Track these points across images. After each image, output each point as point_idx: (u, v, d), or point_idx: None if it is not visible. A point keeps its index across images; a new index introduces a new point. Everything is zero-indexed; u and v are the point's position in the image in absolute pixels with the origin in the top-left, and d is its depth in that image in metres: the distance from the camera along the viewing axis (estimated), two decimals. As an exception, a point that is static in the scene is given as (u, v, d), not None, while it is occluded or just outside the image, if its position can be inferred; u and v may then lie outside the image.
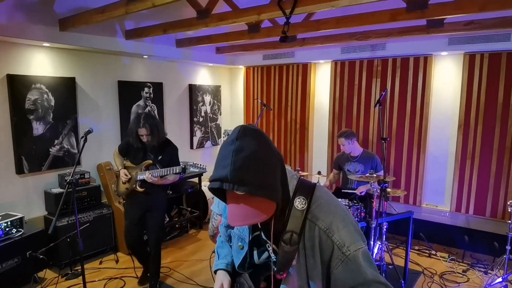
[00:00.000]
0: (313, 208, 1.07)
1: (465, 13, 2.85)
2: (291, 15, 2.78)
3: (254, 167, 0.94)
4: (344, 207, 1.14)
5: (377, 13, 3.18)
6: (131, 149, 3.24)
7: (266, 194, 0.95)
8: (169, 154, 3.20)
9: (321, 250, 1.05)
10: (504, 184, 3.97)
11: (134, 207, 3.26)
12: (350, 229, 1.04)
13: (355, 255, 1.00)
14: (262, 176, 0.95)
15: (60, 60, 3.97)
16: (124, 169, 3.23)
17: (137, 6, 2.83)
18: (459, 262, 4.02)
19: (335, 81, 5.01)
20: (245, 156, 0.94)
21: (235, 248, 1.28)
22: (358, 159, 4.04)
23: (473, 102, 4.07)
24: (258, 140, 0.99)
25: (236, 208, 0.98)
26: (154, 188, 3.17)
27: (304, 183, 1.13)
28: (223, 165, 0.95)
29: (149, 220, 3.26)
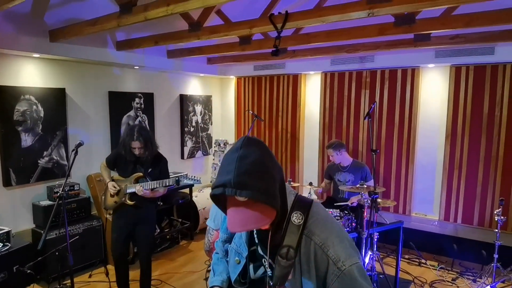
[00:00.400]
0: (310, 223, 1.09)
1: (451, 28, 2.95)
2: (282, 29, 2.84)
3: (257, 173, 0.97)
4: (340, 224, 1.16)
5: (366, 27, 3.26)
6: (120, 161, 3.18)
7: (267, 201, 0.98)
8: (159, 166, 3.16)
9: (316, 265, 1.07)
10: (490, 193, 4.06)
11: (123, 221, 3.19)
12: (345, 245, 1.06)
13: (351, 270, 1.02)
14: (264, 182, 0.98)
15: (50, 71, 3.93)
16: (113, 182, 3.17)
17: (129, 19, 2.84)
18: (448, 271, 4.08)
19: (325, 92, 5.09)
20: (249, 163, 0.97)
21: (232, 263, 1.29)
22: (348, 169, 4.09)
23: (459, 113, 4.18)
24: (261, 149, 1.02)
25: (236, 213, 1.00)
26: (144, 201, 3.12)
27: (301, 199, 1.15)
28: (227, 171, 0.98)
29: (140, 234, 3.20)
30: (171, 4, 2.51)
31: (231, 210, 1.02)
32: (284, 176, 1.12)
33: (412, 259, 4.37)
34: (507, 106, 3.90)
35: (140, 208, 3.14)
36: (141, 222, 3.18)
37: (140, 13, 2.73)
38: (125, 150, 3.04)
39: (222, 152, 5.66)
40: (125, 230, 3.19)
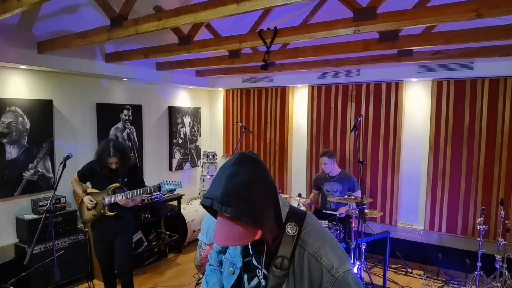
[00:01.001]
0: (303, 234, 1.12)
1: (432, 45, 3.09)
2: (271, 44, 2.91)
3: (243, 194, 1.00)
4: (332, 235, 1.20)
5: (351, 43, 3.37)
6: (95, 174, 3.19)
7: (249, 221, 1.00)
8: (135, 176, 3.23)
9: (310, 274, 1.09)
10: (472, 202, 4.18)
11: (105, 231, 3.21)
12: (338, 253, 1.10)
13: (344, 276, 1.05)
14: (249, 203, 1.01)
15: (37, 83, 3.90)
16: (88, 195, 3.19)
17: (120, 33, 2.86)
18: (434, 279, 4.15)
19: (313, 104, 5.18)
20: (236, 182, 1.01)
21: (226, 274, 1.30)
22: (336, 179, 4.16)
23: (442, 125, 4.32)
24: (252, 169, 1.05)
25: (221, 228, 1.04)
26: (123, 210, 3.15)
27: (295, 210, 1.19)
28: (217, 186, 1.02)
29: (120, 243, 3.21)
30: (162, 18, 2.55)
31: (218, 222, 1.06)
32: (277, 191, 1.15)
33: (399, 269, 4.43)
34: (486, 119, 4.06)
35: (120, 217, 3.17)
36: (121, 231, 3.21)
37: (131, 27, 2.76)
38: (101, 165, 3.07)
39: (210, 164, 5.66)
40: (109, 240, 3.23)
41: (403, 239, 4.61)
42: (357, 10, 2.50)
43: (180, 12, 2.43)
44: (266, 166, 1.13)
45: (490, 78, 4.01)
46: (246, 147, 5.81)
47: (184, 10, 2.41)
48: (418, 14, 2.35)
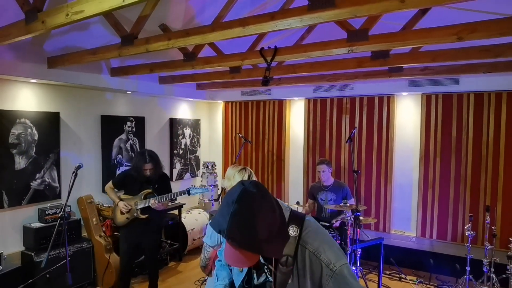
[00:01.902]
0: (304, 234, 1.29)
1: (420, 62, 3.34)
2: (271, 62, 3.13)
3: (245, 230, 1.15)
4: (328, 233, 1.38)
5: (346, 60, 3.61)
6: (129, 181, 3.57)
7: (250, 250, 1.16)
8: (164, 183, 3.59)
9: (311, 270, 1.26)
10: (461, 209, 4.39)
11: (134, 233, 3.54)
12: (334, 250, 1.27)
13: (341, 269, 1.23)
14: (250, 237, 1.15)
15: (45, 96, 4.06)
16: (122, 201, 3.52)
17: (131, 51, 3.06)
18: (426, 284, 4.33)
19: (309, 116, 5.41)
20: (238, 220, 1.16)
21: (235, 271, 1.47)
22: (330, 188, 4.35)
23: (431, 137, 4.57)
24: (254, 205, 1.18)
25: (229, 252, 1.20)
26: (153, 213, 3.51)
27: (295, 214, 1.35)
28: (223, 221, 1.17)
29: (148, 242, 3.58)
30: (172, 38, 2.76)
31: (226, 246, 1.22)
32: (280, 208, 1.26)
33: (392, 274, 4.60)
34: (472, 130, 4.32)
35: (150, 220, 3.52)
36: (150, 232, 3.59)
37: (141, 45, 2.95)
38: (138, 171, 3.45)
39: (210, 174, 5.82)
40: (135, 241, 3.57)
41: (397, 246, 4.79)
42: (351, 32, 2.74)
43: (189, 33, 2.64)
44: (268, 194, 1.25)
45: (475, 93, 4.28)
46: (245, 157, 5.99)
47: (193, 32, 2.62)
48: (406, 36, 2.59)
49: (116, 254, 4.25)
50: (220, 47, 3.87)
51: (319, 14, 2.05)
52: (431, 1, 1.84)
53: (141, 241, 3.57)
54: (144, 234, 3.55)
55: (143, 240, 3.57)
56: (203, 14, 3.85)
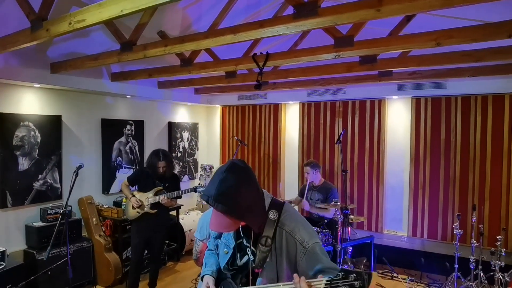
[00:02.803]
0: (282, 218, 1.46)
1: (406, 67, 3.50)
2: (264, 67, 3.29)
3: (231, 196, 1.35)
4: (304, 218, 1.53)
5: (335, 65, 3.77)
6: (142, 179, 3.90)
7: (234, 216, 1.35)
8: (173, 181, 3.91)
9: (288, 248, 1.42)
10: (450, 209, 4.52)
11: (144, 228, 3.81)
12: (308, 230, 1.43)
13: (313, 247, 1.37)
14: (235, 203, 1.35)
15: (48, 100, 4.22)
16: (134, 197, 3.80)
17: (130, 56, 3.22)
18: (417, 283, 4.44)
19: (303, 120, 5.56)
20: (226, 186, 1.35)
21: (221, 254, 1.62)
22: (318, 188, 4.47)
23: (421, 139, 4.71)
24: (240, 176, 1.39)
25: (214, 218, 1.39)
26: (162, 210, 3.82)
27: (275, 201, 1.53)
28: (212, 187, 1.37)
29: (156, 237, 3.87)
30: (168, 45, 2.92)
31: (213, 213, 1.41)
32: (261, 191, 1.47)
33: (385, 273, 4.71)
34: (460, 133, 4.46)
35: (158, 216, 3.80)
36: (158, 227, 3.87)
37: (139, 52, 3.12)
38: (153, 168, 3.75)
39: (207, 176, 5.97)
40: (145, 235, 3.83)
41: (389, 246, 4.91)
42: (338, 38, 2.90)
43: (184, 40, 2.80)
44: (252, 172, 1.46)
45: (462, 96, 4.43)
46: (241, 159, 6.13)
47: (188, 38, 2.79)
48: (389, 42, 2.75)
49: (116, 253, 4.39)
50: (217, 53, 4.04)
51: (303, 22, 2.21)
52: (404, 10, 1.99)
53: (150, 235, 3.83)
54: (154, 229, 3.82)
55: (152, 235, 3.84)
56: (199, 22, 4.03)
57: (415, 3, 1.90)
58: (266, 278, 1.46)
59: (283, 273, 1.42)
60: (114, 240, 4.50)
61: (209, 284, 1.62)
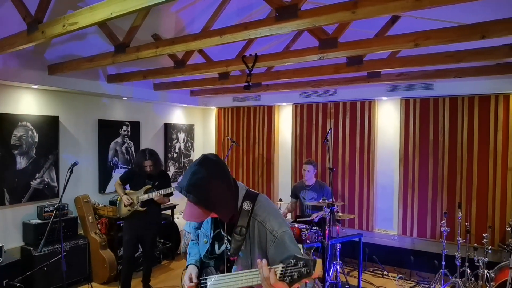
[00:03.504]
0: (255, 208, 1.55)
1: (391, 68, 3.61)
2: (253, 68, 3.41)
3: (201, 187, 1.43)
4: (277, 208, 1.63)
5: (324, 67, 3.88)
6: (133, 178, 4.01)
7: (203, 206, 1.43)
8: (163, 180, 3.99)
9: (259, 237, 1.51)
10: (439, 208, 4.60)
11: (135, 224, 3.92)
12: (278, 220, 1.52)
13: (282, 236, 1.46)
14: (205, 194, 1.43)
15: (45, 101, 4.35)
16: (126, 195, 3.91)
17: (123, 58, 3.34)
18: (407, 281, 4.51)
19: (296, 121, 5.67)
20: (197, 178, 1.44)
21: (201, 243, 1.71)
22: (311, 188, 4.57)
23: (410, 139, 4.81)
24: (211, 169, 1.47)
25: (187, 208, 1.47)
26: (152, 207, 3.92)
27: (249, 192, 1.61)
28: (185, 178, 1.46)
29: (147, 234, 3.97)
30: (159, 47, 3.04)
31: (187, 204, 1.49)
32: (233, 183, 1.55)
33: (376, 271, 4.79)
34: (448, 133, 4.56)
35: (149, 213, 3.90)
36: (149, 224, 3.97)
37: (132, 53, 3.24)
38: (139, 168, 3.87)
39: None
40: (136, 232, 3.94)
41: (380, 244, 4.99)
42: (322, 40, 3.01)
43: (174, 42, 2.92)
44: (224, 165, 1.54)
45: (449, 97, 4.53)
46: (236, 161, 6.23)
47: (178, 40, 2.91)
48: (371, 44, 2.86)
49: (111, 251, 4.48)
50: (211, 55, 4.16)
51: (284, 24, 2.32)
52: (378, 12, 2.10)
53: (141, 233, 3.94)
54: (144, 227, 3.92)
55: (143, 232, 3.94)
56: (192, 25, 4.16)
57: (388, 5, 2.01)
58: (241, 265, 1.55)
59: (256, 261, 1.52)
60: (109, 238, 4.59)
61: (192, 274, 1.71)
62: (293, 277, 1.12)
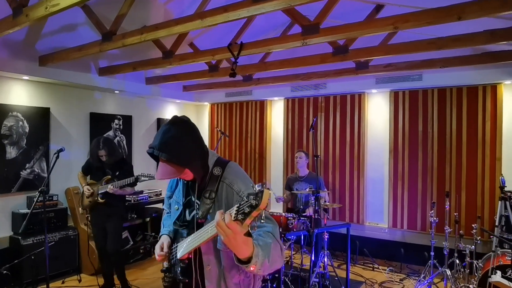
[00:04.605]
0: (225, 173, 1.58)
1: (375, 56, 3.64)
2: (238, 56, 3.44)
3: (173, 144, 1.46)
4: (245, 173, 1.64)
5: (310, 57, 3.92)
6: (92, 168, 3.83)
7: (177, 162, 1.46)
8: (125, 170, 3.74)
9: (227, 199, 1.54)
10: (429, 200, 4.59)
11: (99, 216, 3.78)
12: (246, 182, 1.55)
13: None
14: (177, 151, 1.46)
15: (36, 92, 4.40)
16: (87, 186, 3.74)
17: (110, 46, 3.39)
18: (397, 273, 4.49)
19: (288, 115, 5.70)
20: (168, 136, 1.48)
21: (173, 211, 1.73)
22: (304, 179, 4.58)
23: (399, 131, 4.82)
24: (182, 127, 1.51)
25: (160, 168, 1.50)
26: (113, 199, 3.70)
27: (220, 159, 1.65)
28: (156, 138, 1.50)
29: (109, 226, 3.74)
30: (144, 33, 3.09)
31: (159, 164, 1.52)
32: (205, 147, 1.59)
33: (366, 264, 4.77)
34: (437, 124, 4.57)
35: (111, 205, 3.71)
36: (111, 217, 3.75)
37: (118, 40, 3.29)
38: (93, 158, 3.70)
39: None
40: (100, 225, 3.78)
41: (370, 237, 4.97)
42: (305, 26, 3.05)
43: (158, 27, 2.97)
44: (194, 126, 1.58)
45: (438, 88, 4.55)
46: (229, 155, 6.26)
47: (162, 26, 2.96)
48: (351, 28, 2.89)
49: (100, 242, 4.49)
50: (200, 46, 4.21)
51: (261, 5, 2.36)
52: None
53: (105, 225, 3.75)
54: (106, 219, 3.73)
55: (107, 225, 3.74)
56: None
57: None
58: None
59: None
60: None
61: (164, 244, 1.73)
62: (245, 212, 1.13)
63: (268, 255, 1.32)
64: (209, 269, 1.58)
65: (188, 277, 1.62)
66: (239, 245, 1.23)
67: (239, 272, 1.58)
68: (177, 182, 1.78)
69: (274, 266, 1.37)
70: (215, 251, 1.57)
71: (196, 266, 1.60)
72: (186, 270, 1.63)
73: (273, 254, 1.34)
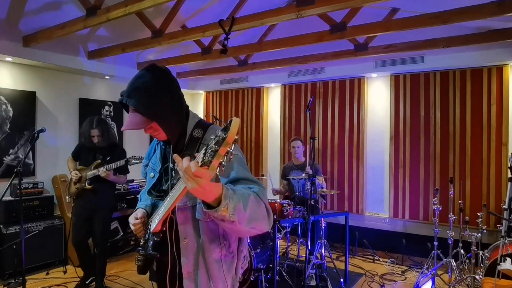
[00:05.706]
0: (206, 135, 1.40)
1: (374, 33, 3.44)
2: (230, 31, 3.25)
3: (143, 91, 1.29)
4: None
5: (306, 35, 3.73)
6: (82, 152, 3.55)
7: (145, 113, 1.29)
8: (117, 156, 3.43)
9: None
10: (432, 188, 4.39)
11: (83, 205, 3.46)
12: None
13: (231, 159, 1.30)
14: (147, 99, 1.29)
15: (22, 75, 4.21)
16: (75, 170, 3.47)
17: (94, 21, 3.21)
18: (399, 265, 4.29)
19: (285, 103, 5.50)
20: (140, 82, 1.31)
21: (148, 178, 1.55)
22: (301, 167, 4.39)
23: (400, 117, 4.61)
24: (157, 75, 1.34)
25: (129, 117, 1.34)
26: (102, 187, 3.41)
27: (202, 121, 1.47)
28: (127, 85, 1.33)
29: (97, 218, 3.44)
30: (128, 4, 2.90)
31: (128, 115, 1.36)
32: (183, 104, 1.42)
33: (366, 256, 4.57)
34: (440, 108, 4.36)
35: (99, 193, 3.42)
36: (98, 207, 3.44)
37: (103, 15, 3.11)
38: (85, 138, 3.39)
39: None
40: (84, 214, 3.45)
41: (370, 228, 4.77)
42: (300, -3, 2.85)
43: (142, -3, 2.78)
44: (173, 77, 1.40)
45: (440, 71, 4.35)
46: (224, 146, 6.06)
47: (145, -5, 2.76)
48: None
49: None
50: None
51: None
52: None
53: (91, 216, 3.44)
54: (93, 209, 3.42)
55: (92, 215, 3.43)
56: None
57: None
58: (186, 196, 1.39)
59: None
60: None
61: (138, 214, 1.55)
62: (213, 150, 0.96)
63: (245, 204, 1.14)
64: (186, 243, 1.39)
65: (162, 252, 1.43)
66: (207, 192, 1.06)
67: (220, 246, 1.40)
68: (155, 149, 1.60)
69: (254, 221, 1.18)
70: (193, 221, 1.38)
71: (172, 239, 1.41)
72: (160, 245, 1.44)
73: (251, 206, 1.16)
